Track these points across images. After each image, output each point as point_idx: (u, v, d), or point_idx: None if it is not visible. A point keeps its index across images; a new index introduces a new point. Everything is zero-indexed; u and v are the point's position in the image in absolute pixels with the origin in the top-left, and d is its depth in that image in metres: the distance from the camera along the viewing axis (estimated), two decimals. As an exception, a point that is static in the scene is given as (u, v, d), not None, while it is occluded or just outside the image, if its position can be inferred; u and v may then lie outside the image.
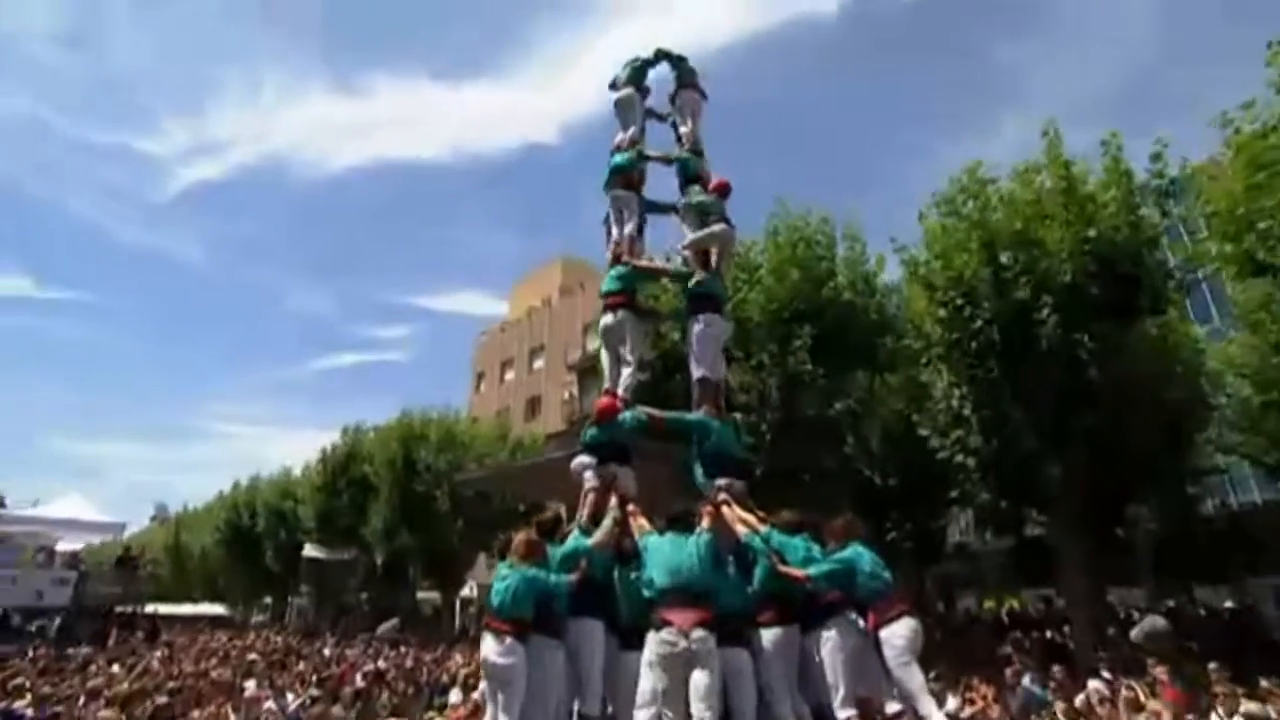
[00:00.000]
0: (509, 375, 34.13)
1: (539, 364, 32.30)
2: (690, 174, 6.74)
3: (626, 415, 5.52)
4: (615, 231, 6.61)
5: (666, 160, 6.98)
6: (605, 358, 6.16)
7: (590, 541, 4.35)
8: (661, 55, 7.41)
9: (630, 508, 4.95)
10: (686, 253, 6.28)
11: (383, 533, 19.61)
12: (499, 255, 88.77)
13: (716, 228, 6.02)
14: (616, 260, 6.24)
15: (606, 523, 4.58)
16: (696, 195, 6.31)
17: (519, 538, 4.12)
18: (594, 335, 28.36)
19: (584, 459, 5.25)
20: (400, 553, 19.88)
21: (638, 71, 7.27)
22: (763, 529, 4.29)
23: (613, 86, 7.32)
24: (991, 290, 8.56)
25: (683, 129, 7.05)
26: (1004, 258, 8.53)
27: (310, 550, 21.54)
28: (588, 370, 29.19)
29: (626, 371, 5.79)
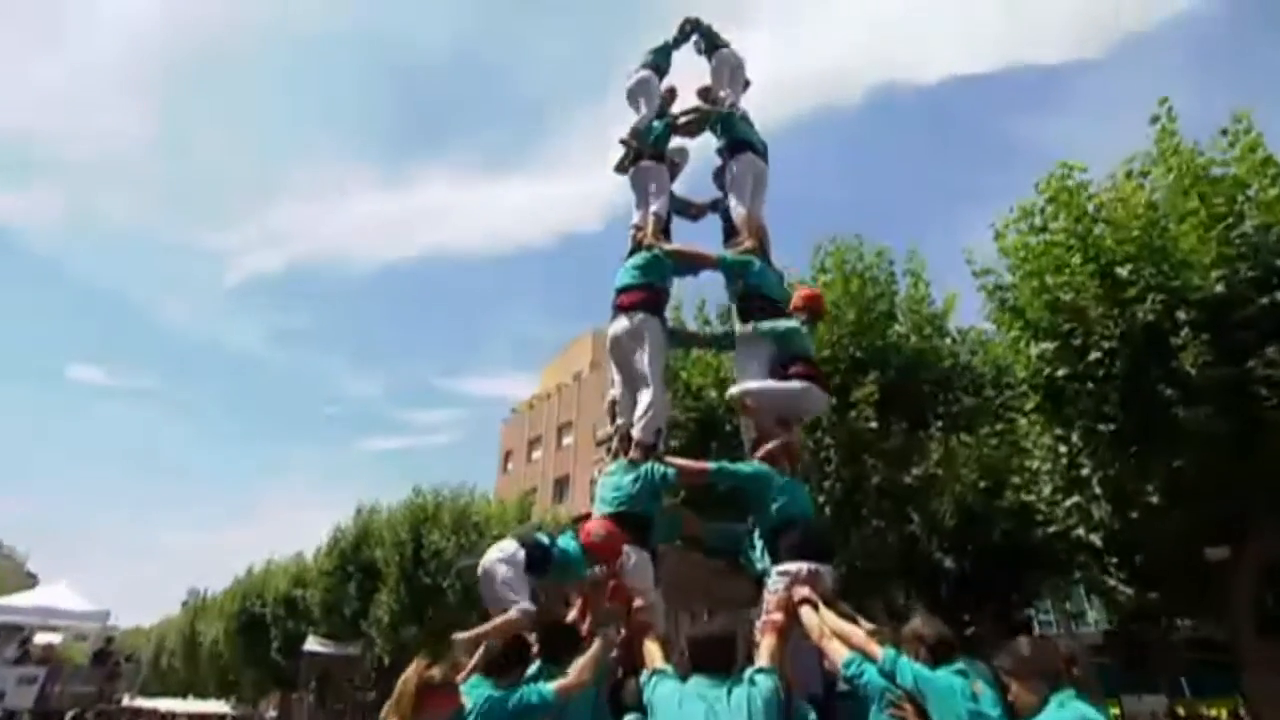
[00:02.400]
0: (536, 454, 32.25)
1: (568, 441, 30.41)
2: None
3: (645, 467, 3.75)
4: (638, 212, 5.04)
5: (697, 209, 5.51)
6: (615, 380, 4.47)
7: (553, 686, 2.50)
8: (690, 27, 5.95)
9: (640, 615, 3.02)
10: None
11: (388, 625, 17.37)
12: (537, 338, 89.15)
13: (797, 385, 3.97)
14: (638, 247, 4.67)
15: (589, 654, 2.74)
16: (765, 324, 4.24)
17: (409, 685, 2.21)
18: (623, 409, 26.64)
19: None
20: (407, 647, 17.51)
21: (658, 53, 5.86)
22: (880, 651, 2.29)
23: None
24: (1109, 313, 6.55)
25: (721, 92, 5.60)
26: (1122, 271, 6.56)
27: (312, 643, 19.27)
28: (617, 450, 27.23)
29: (644, 401, 4.00)
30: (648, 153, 5.18)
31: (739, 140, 5.07)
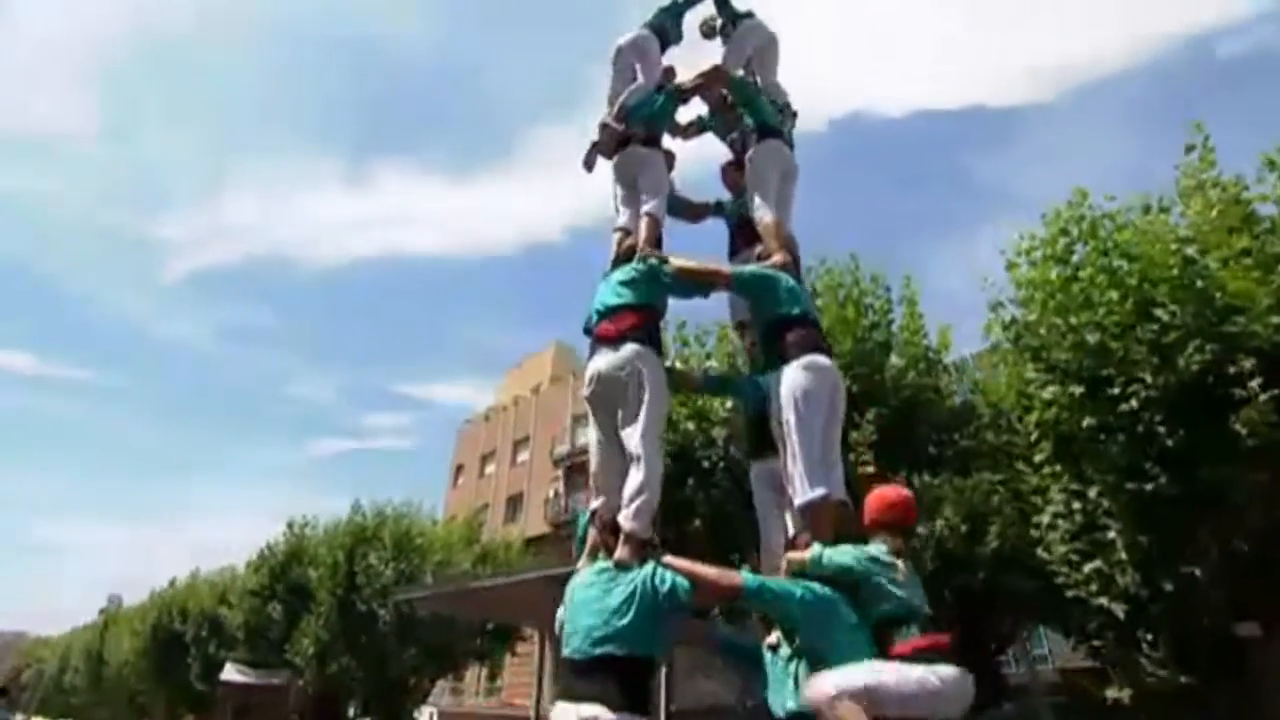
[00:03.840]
0: (490, 469, 30.69)
1: (523, 457, 28.97)
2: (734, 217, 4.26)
3: (640, 578, 2.57)
4: (624, 212, 3.88)
5: (697, 210, 4.52)
6: (593, 437, 3.20)
7: None
8: None
9: None
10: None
11: (315, 654, 15.60)
12: (497, 347, 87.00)
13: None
14: (624, 257, 3.49)
15: None
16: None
17: None
18: (584, 427, 25.34)
19: None
20: (336, 680, 15.77)
21: (666, 13, 4.65)
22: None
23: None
24: (1149, 358, 5.73)
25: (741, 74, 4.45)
26: (1163, 313, 5.76)
27: (230, 672, 17.31)
28: (575, 467, 25.95)
29: (636, 477, 2.81)
30: (639, 135, 4.00)
31: (765, 125, 3.95)
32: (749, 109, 4.03)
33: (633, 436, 2.87)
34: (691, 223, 4.54)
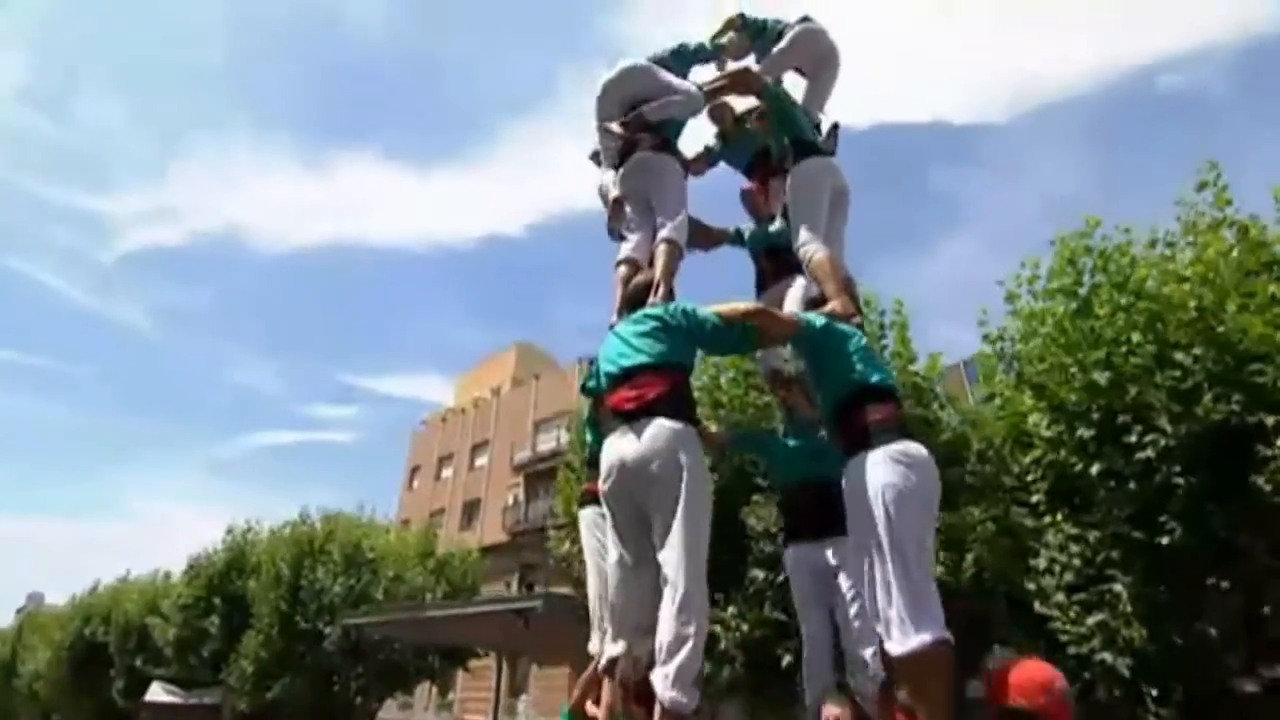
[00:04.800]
0: (446, 472, 29.58)
1: (481, 462, 27.98)
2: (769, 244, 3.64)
3: None
4: (632, 238, 3.11)
5: (714, 238, 3.89)
6: (612, 551, 2.36)
7: None
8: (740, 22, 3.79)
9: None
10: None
11: (254, 673, 14.45)
12: (457, 343, 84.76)
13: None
14: (641, 296, 2.67)
15: None
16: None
17: None
18: (546, 433, 24.39)
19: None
20: (277, 703, 14.64)
21: (676, 56, 3.66)
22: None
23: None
24: (1170, 405, 5.41)
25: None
26: (1184, 358, 5.45)
27: (156, 691, 15.94)
28: (536, 474, 25.14)
29: (675, 624, 2.04)
30: (648, 139, 3.17)
31: (803, 141, 3.27)
32: (784, 123, 3.33)
33: (670, 557, 2.09)
34: (703, 252, 3.92)
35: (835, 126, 3.43)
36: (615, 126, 3.25)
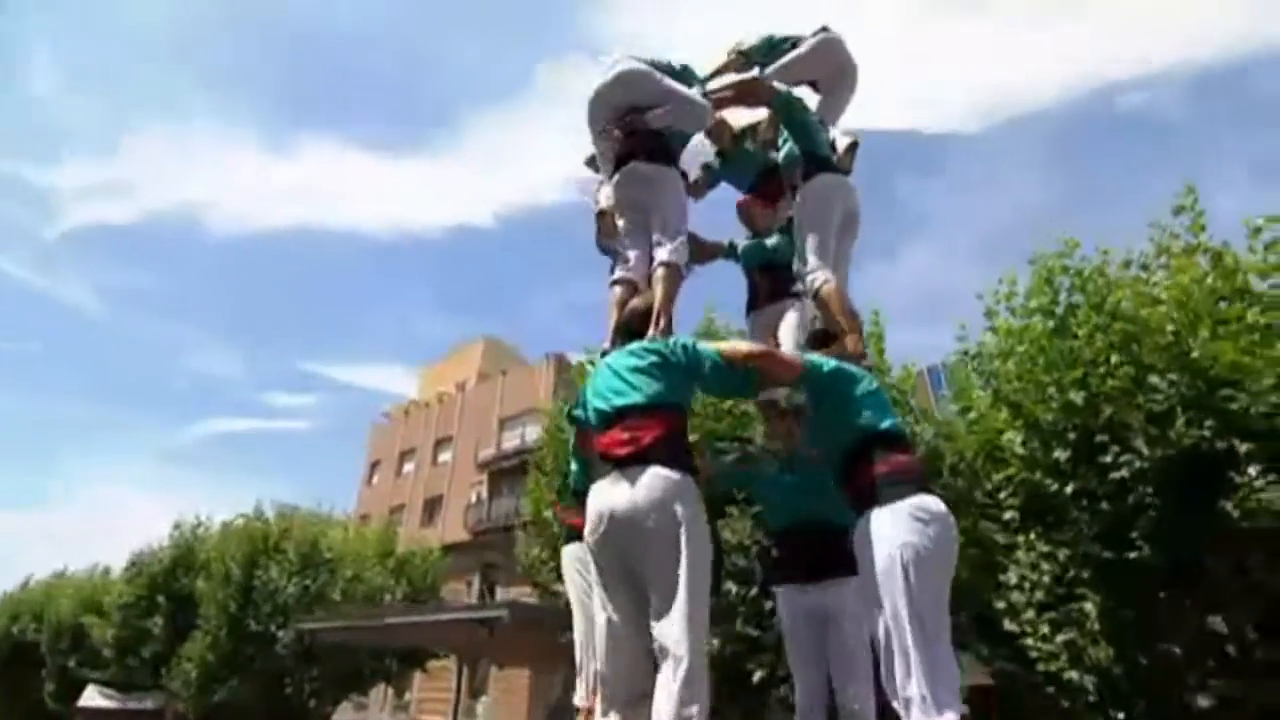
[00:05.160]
0: (408, 467, 28.88)
1: (444, 458, 27.38)
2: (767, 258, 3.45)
3: None
4: (629, 255, 2.87)
5: (706, 253, 3.64)
6: (598, 610, 2.16)
7: None
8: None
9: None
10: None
11: (199, 677, 13.78)
12: (421, 333, 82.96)
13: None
14: (639, 324, 2.47)
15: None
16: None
17: None
18: (512, 430, 23.98)
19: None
20: (221, 708, 13.99)
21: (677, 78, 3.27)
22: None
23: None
24: (1146, 428, 5.45)
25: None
26: (1159, 382, 5.50)
27: (92, 695, 15.10)
28: (500, 472, 24.71)
29: (676, 701, 1.83)
30: (649, 149, 2.89)
31: (817, 155, 3.05)
32: (797, 133, 3.13)
33: (668, 623, 1.89)
34: (697, 265, 3.72)
35: (854, 144, 3.21)
36: (615, 131, 2.98)
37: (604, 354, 2.52)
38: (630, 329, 2.47)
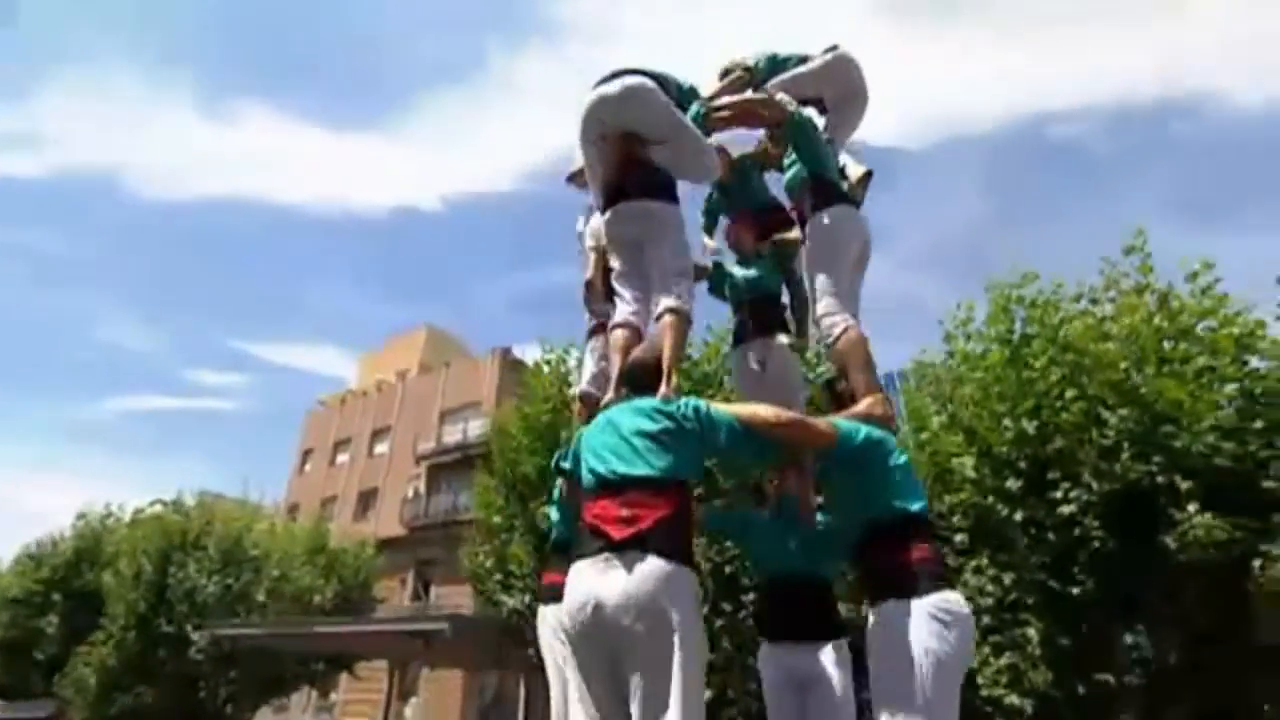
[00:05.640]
0: (342, 457, 27.62)
1: (381, 449, 26.32)
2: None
3: None
4: (626, 295, 2.56)
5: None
6: (574, 704, 1.91)
7: None
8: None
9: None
10: None
11: (98, 683, 12.67)
12: (362, 317, 79.67)
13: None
14: (647, 377, 2.18)
15: None
16: None
17: None
18: (453, 424, 23.19)
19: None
20: (124, 715, 12.90)
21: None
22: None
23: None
24: (1097, 463, 5.56)
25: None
26: (1110, 418, 5.62)
27: (-25, 702, 13.73)
28: (440, 466, 23.93)
29: None
30: (651, 180, 2.58)
31: (827, 182, 2.77)
32: (809, 158, 2.81)
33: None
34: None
35: (868, 174, 3.00)
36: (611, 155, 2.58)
37: (605, 405, 2.24)
38: (636, 383, 2.20)
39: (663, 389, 2.14)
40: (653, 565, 1.72)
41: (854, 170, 3.01)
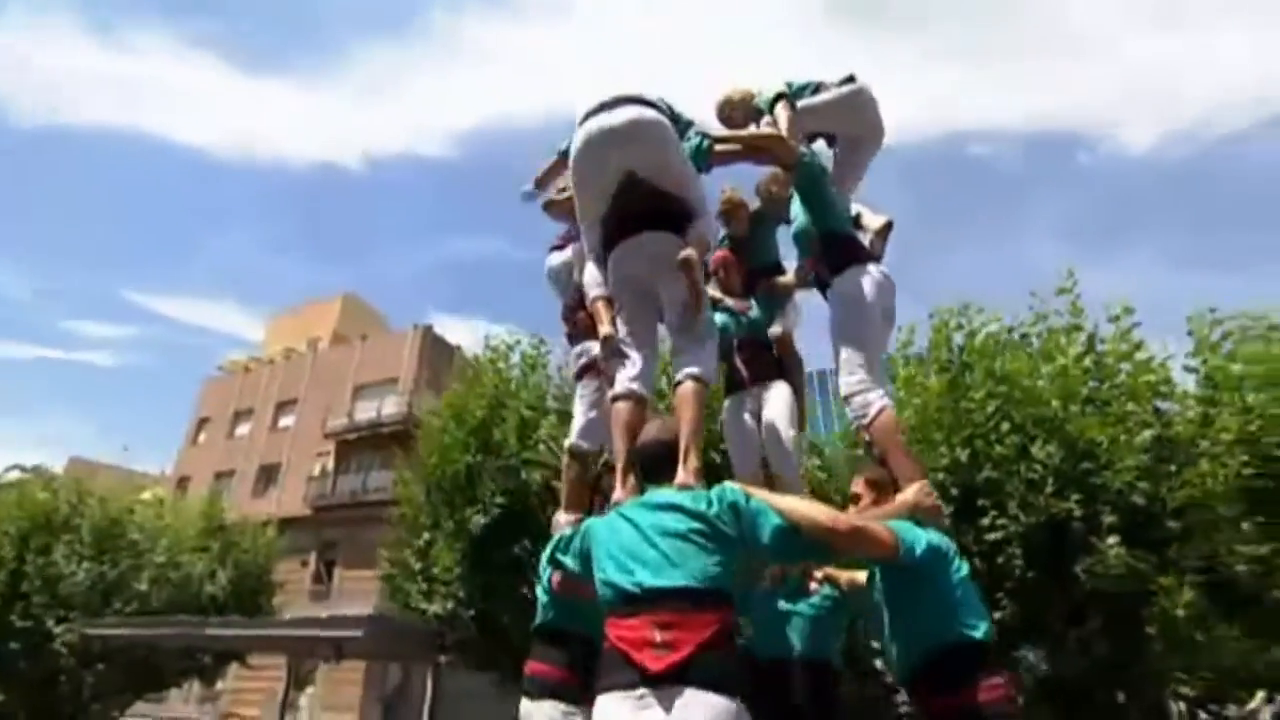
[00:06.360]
0: (242, 429, 25.59)
1: (287, 422, 24.56)
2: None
3: None
4: (631, 363, 2.21)
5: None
6: None
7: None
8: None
9: None
10: None
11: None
12: (270, 274, 73.99)
13: None
14: (656, 465, 1.89)
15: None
16: None
17: None
18: (367, 400, 21.86)
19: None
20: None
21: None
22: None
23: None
24: (1026, 495, 5.75)
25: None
26: (1039, 452, 5.82)
27: None
28: (351, 444, 22.57)
29: None
30: (659, 209, 2.22)
31: (843, 240, 2.47)
32: (820, 211, 2.51)
33: None
34: None
35: (888, 225, 2.79)
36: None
37: (615, 501, 1.91)
38: (652, 471, 1.88)
39: (680, 474, 1.84)
40: (699, 703, 1.43)
41: (871, 220, 2.79)
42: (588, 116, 2.22)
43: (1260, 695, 11.33)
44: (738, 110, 2.80)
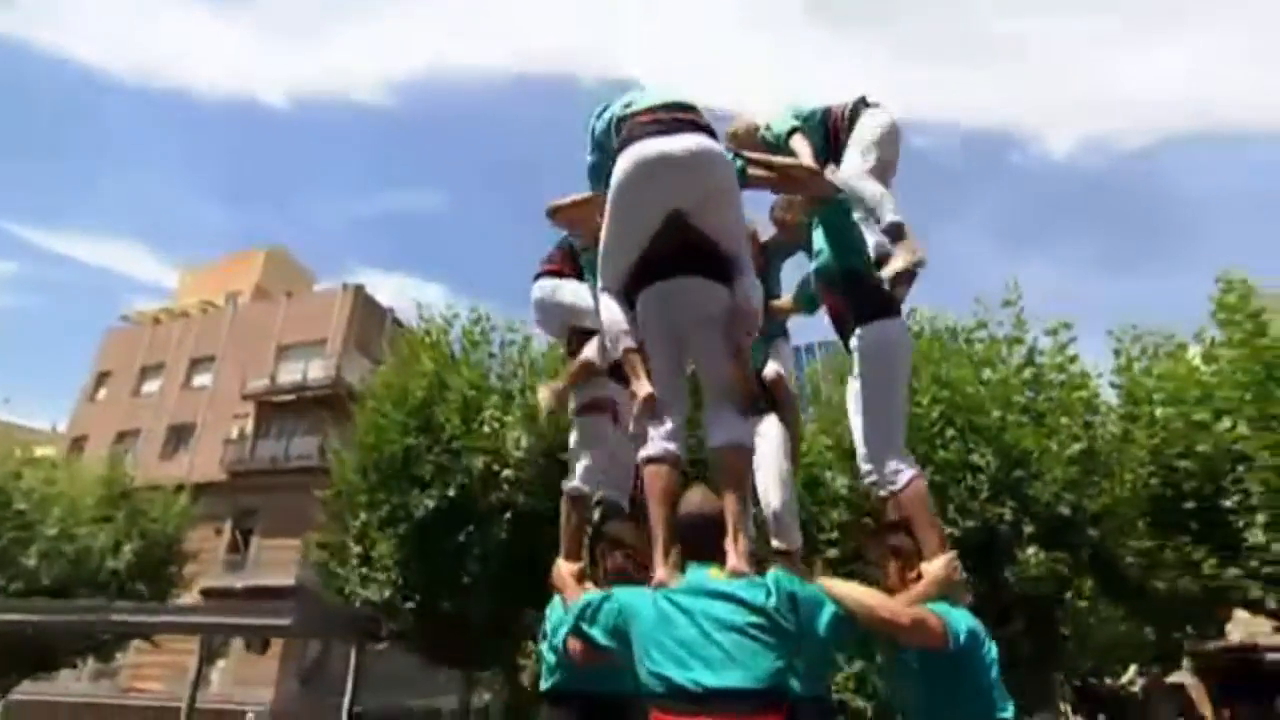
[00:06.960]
0: (150, 385, 23.66)
1: (202, 380, 22.89)
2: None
3: None
4: (668, 421, 1.92)
5: None
6: None
7: None
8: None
9: None
10: None
11: None
12: (181, 215, 68.21)
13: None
14: (701, 545, 1.73)
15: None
16: None
17: None
18: (291, 361, 20.62)
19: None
20: None
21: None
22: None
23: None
24: (968, 504, 5.97)
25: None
26: (979, 460, 6.04)
27: None
28: (272, 406, 21.26)
29: None
30: (705, 252, 2.02)
31: (871, 288, 2.29)
32: (843, 250, 2.38)
33: None
34: None
35: (918, 267, 2.58)
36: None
37: (658, 584, 1.72)
38: (693, 541, 1.72)
39: (731, 559, 1.68)
40: None
41: (896, 259, 2.63)
42: (644, 133, 1.96)
43: (1133, 668, 12.62)
44: (745, 147, 2.57)
